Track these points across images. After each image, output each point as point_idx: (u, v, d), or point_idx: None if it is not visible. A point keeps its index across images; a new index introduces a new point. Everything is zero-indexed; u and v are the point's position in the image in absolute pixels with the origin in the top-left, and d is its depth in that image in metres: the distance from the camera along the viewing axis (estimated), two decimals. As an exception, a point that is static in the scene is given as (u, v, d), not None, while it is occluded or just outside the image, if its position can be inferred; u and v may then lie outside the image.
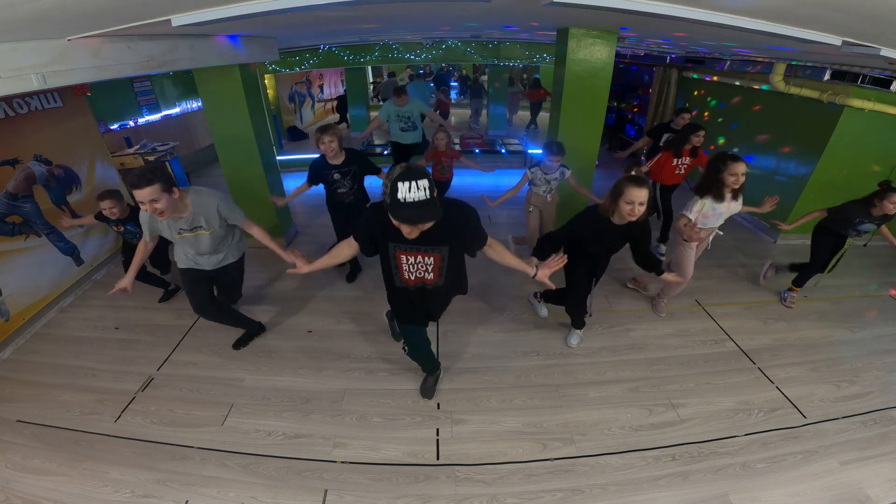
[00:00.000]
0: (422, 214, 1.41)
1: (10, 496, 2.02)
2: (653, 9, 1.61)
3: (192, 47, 2.62)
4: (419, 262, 1.76)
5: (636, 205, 2.11)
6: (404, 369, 2.80)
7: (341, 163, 3.16)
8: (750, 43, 2.82)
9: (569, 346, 3.00)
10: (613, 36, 3.38)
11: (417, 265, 1.77)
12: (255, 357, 2.93)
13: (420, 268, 1.78)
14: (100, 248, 3.99)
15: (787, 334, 3.18)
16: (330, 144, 3.04)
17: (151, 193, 1.98)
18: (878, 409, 2.52)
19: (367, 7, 2.22)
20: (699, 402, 2.57)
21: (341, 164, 3.16)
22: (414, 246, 1.70)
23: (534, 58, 7.06)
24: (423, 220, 1.45)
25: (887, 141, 3.98)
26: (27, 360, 2.95)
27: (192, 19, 1.71)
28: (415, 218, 1.42)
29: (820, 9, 1.37)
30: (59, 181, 3.57)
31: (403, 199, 1.38)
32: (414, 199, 1.38)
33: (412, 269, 1.80)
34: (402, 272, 1.84)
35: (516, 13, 2.70)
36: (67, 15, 1.43)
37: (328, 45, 6.37)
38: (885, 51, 1.85)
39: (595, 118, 3.75)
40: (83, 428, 2.40)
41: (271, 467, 2.17)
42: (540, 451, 2.27)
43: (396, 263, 1.80)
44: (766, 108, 4.76)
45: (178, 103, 6.76)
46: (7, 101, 3.16)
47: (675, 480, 2.11)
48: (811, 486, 2.08)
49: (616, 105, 8.22)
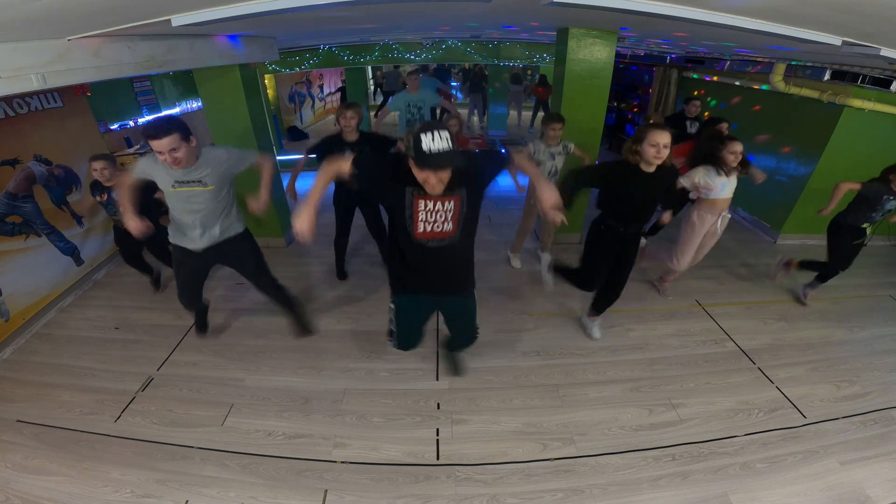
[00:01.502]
0: (447, 160, 1.46)
1: (10, 496, 2.02)
2: (653, 9, 1.61)
3: (191, 47, 2.62)
4: (438, 208, 1.67)
5: (661, 146, 2.15)
6: (404, 369, 2.80)
7: (355, 141, 3.09)
8: (750, 43, 2.82)
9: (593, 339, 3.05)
10: (613, 36, 3.38)
11: (436, 213, 1.69)
12: (255, 357, 2.93)
13: (439, 216, 1.69)
14: (100, 248, 3.99)
15: (787, 334, 3.18)
16: (350, 120, 3.01)
17: (171, 142, 1.94)
18: (878, 409, 2.52)
19: (367, 7, 2.22)
20: (699, 402, 2.57)
21: (354, 143, 3.08)
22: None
23: (534, 58, 7.06)
24: (449, 166, 1.49)
25: (887, 141, 3.97)
26: (27, 360, 2.95)
27: (191, 19, 1.71)
28: (441, 163, 1.46)
29: (820, 9, 1.38)
30: (59, 181, 3.57)
31: (428, 150, 1.42)
32: (439, 149, 1.43)
33: (429, 217, 1.69)
34: (418, 224, 1.71)
35: (516, 13, 2.71)
36: (67, 15, 1.43)
37: (328, 45, 6.36)
38: (885, 51, 1.85)
39: (595, 118, 3.75)
40: (83, 428, 2.40)
41: (271, 467, 2.17)
42: (540, 451, 2.27)
43: (412, 212, 1.69)
44: (766, 108, 4.76)
45: (178, 103, 6.74)
46: (7, 101, 3.16)
47: (675, 480, 2.11)
48: (811, 486, 2.08)
49: (616, 105, 8.22)
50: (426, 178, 1.51)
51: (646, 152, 2.20)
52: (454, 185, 1.63)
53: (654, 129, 2.17)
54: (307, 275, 3.92)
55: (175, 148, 1.97)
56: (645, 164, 2.27)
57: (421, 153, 1.43)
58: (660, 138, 2.15)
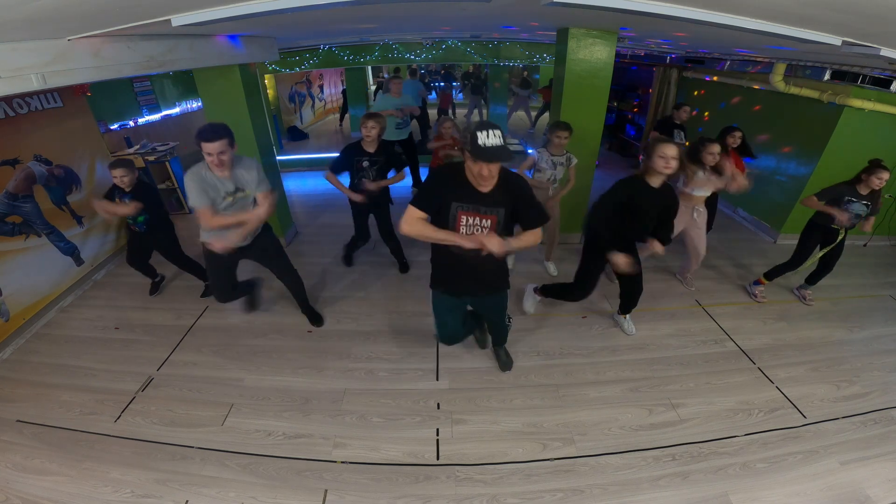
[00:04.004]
0: (501, 153, 1.64)
1: (10, 496, 2.02)
2: (653, 9, 1.61)
3: (191, 47, 2.62)
4: (476, 223, 1.86)
5: (669, 158, 2.34)
6: (404, 369, 2.80)
7: (374, 151, 3.20)
8: (750, 43, 2.82)
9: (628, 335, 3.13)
10: (613, 36, 3.38)
11: (475, 227, 1.87)
12: (255, 357, 2.93)
13: (476, 231, 1.87)
14: (100, 249, 3.99)
15: (787, 334, 3.18)
16: (372, 130, 3.12)
17: (221, 146, 2.17)
18: (878, 409, 2.52)
19: (367, 7, 2.22)
20: (699, 402, 2.57)
21: (373, 153, 3.20)
22: (474, 206, 1.83)
23: (534, 58, 7.06)
24: (503, 158, 1.66)
25: (887, 141, 3.97)
26: (27, 360, 2.95)
27: (192, 19, 1.72)
28: (497, 155, 1.64)
29: (820, 9, 1.38)
30: (59, 181, 3.57)
31: (484, 144, 1.62)
32: (493, 144, 1.63)
33: (469, 231, 1.87)
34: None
35: (516, 13, 2.71)
36: (67, 15, 1.43)
37: (328, 45, 6.36)
38: (885, 51, 1.86)
39: (595, 118, 3.75)
40: (83, 428, 2.40)
41: (271, 467, 2.17)
42: (540, 451, 2.27)
43: (455, 225, 1.87)
44: (766, 108, 4.76)
45: (178, 103, 6.75)
46: (7, 101, 3.16)
47: (675, 480, 2.11)
48: (811, 486, 2.08)
49: (616, 105, 8.21)
50: (480, 169, 1.69)
51: (656, 164, 2.38)
52: (495, 203, 1.83)
53: (663, 143, 2.37)
54: (307, 275, 3.91)
55: (223, 151, 2.19)
56: (654, 178, 2.44)
57: (477, 147, 1.63)
58: (668, 151, 2.33)
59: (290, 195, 4.80)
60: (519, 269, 3.90)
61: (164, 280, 3.73)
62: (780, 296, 3.62)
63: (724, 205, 5.47)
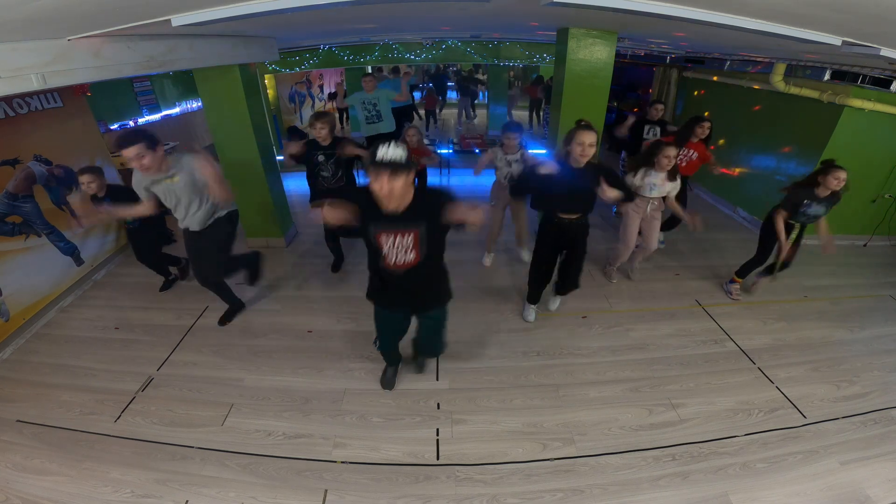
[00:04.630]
0: (396, 166, 1.59)
1: (10, 496, 2.02)
2: (653, 9, 1.61)
3: (191, 47, 2.62)
4: (398, 242, 1.82)
5: (585, 145, 2.39)
6: (404, 369, 2.80)
7: (327, 145, 3.29)
8: (750, 43, 2.82)
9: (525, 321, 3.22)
10: (613, 36, 3.39)
11: (398, 246, 1.83)
12: (255, 357, 2.93)
13: (401, 249, 1.84)
14: (100, 248, 3.99)
15: (787, 334, 3.18)
16: (321, 130, 3.20)
17: (137, 150, 2.21)
18: (878, 409, 2.52)
19: (367, 7, 2.22)
20: (699, 402, 2.57)
21: (327, 147, 3.29)
22: (391, 225, 1.78)
23: (534, 58, 7.07)
24: (397, 170, 1.59)
25: (887, 141, 3.98)
26: (27, 360, 2.95)
27: (192, 19, 1.71)
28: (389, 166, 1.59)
29: (820, 9, 1.38)
30: (59, 181, 3.57)
31: (381, 158, 1.58)
32: (391, 157, 1.58)
33: (393, 251, 1.84)
34: (386, 257, 1.86)
35: (516, 13, 2.71)
36: (67, 15, 1.43)
37: (328, 45, 6.36)
38: (885, 51, 1.86)
39: (595, 118, 3.74)
40: (83, 428, 2.40)
41: (271, 467, 2.17)
42: (540, 451, 2.27)
43: (377, 247, 1.85)
44: (766, 108, 4.76)
45: (178, 103, 6.75)
46: (7, 101, 3.15)
47: (675, 480, 2.11)
48: (811, 486, 2.08)
49: (616, 105, 8.21)
50: (380, 183, 1.62)
51: (573, 150, 2.43)
52: (412, 219, 1.77)
53: (581, 130, 2.42)
54: (308, 275, 3.92)
55: (141, 154, 2.23)
56: (573, 161, 2.48)
57: (374, 160, 1.60)
58: (584, 137, 2.39)
59: (290, 195, 4.78)
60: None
61: (176, 279, 3.78)
62: (780, 296, 3.62)
63: (724, 204, 5.48)
